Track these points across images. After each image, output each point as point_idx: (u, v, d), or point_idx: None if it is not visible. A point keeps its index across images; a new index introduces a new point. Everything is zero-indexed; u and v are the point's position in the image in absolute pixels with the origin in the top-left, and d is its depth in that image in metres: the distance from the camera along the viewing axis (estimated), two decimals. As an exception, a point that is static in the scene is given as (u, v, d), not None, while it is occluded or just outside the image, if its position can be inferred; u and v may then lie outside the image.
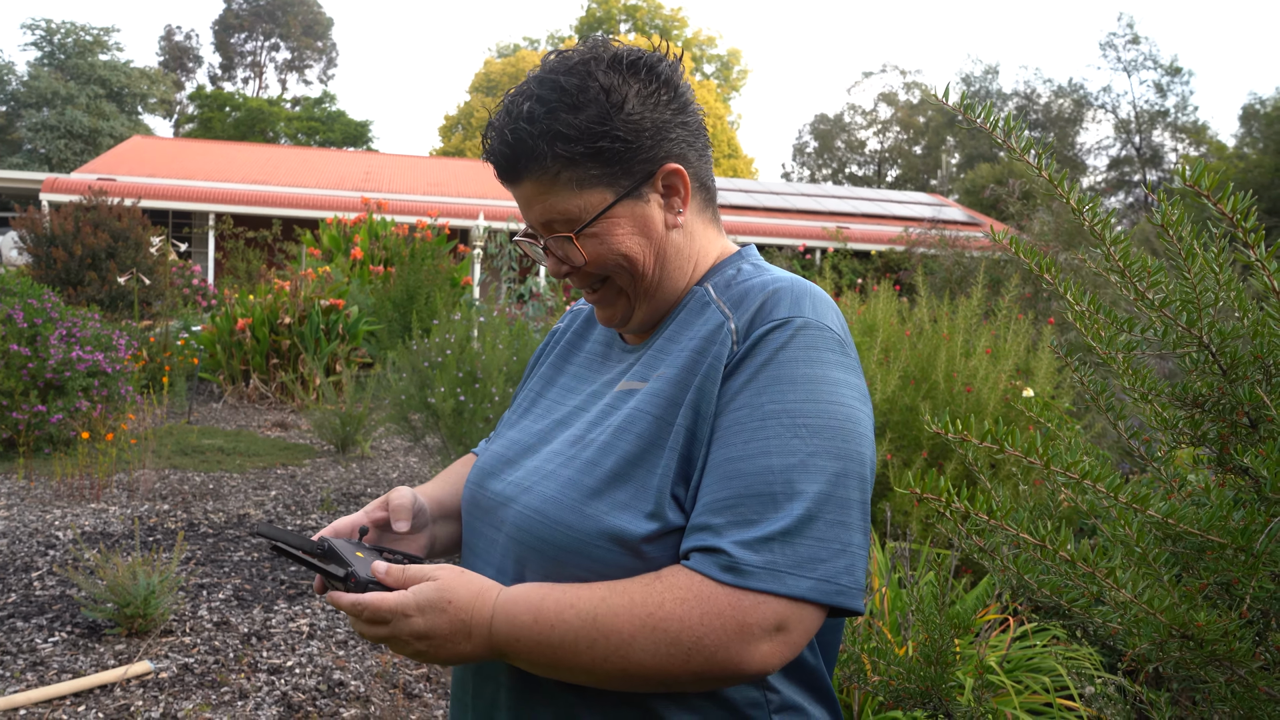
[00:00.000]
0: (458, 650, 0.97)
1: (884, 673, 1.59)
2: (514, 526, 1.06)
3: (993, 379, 4.43)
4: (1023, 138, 1.06)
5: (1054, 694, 2.92)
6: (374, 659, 3.62)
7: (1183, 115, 41.63)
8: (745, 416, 0.97)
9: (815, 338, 1.00)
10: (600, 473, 1.01)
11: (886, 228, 21.11)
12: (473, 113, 45.77)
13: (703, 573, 0.92)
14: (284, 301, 10.07)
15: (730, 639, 0.90)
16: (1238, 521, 0.91)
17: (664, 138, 1.06)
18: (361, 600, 0.96)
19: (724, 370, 1.00)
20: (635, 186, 1.06)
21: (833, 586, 0.92)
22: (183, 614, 3.95)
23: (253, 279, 15.82)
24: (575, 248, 1.07)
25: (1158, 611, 0.92)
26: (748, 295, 1.05)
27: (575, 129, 1.02)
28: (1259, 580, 0.92)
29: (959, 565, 3.91)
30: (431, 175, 25.42)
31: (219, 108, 47.54)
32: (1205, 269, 1.09)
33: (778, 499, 0.93)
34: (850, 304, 5.95)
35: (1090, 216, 1.10)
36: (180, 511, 5.63)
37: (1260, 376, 1.14)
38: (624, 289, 1.11)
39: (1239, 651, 0.92)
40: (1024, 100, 45.33)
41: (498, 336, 6.57)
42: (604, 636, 0.92)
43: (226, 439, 7.98)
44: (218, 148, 26.68)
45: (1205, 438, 1.22)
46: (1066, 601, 1.03)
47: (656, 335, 1.14)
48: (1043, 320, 7.08)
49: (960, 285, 11.30)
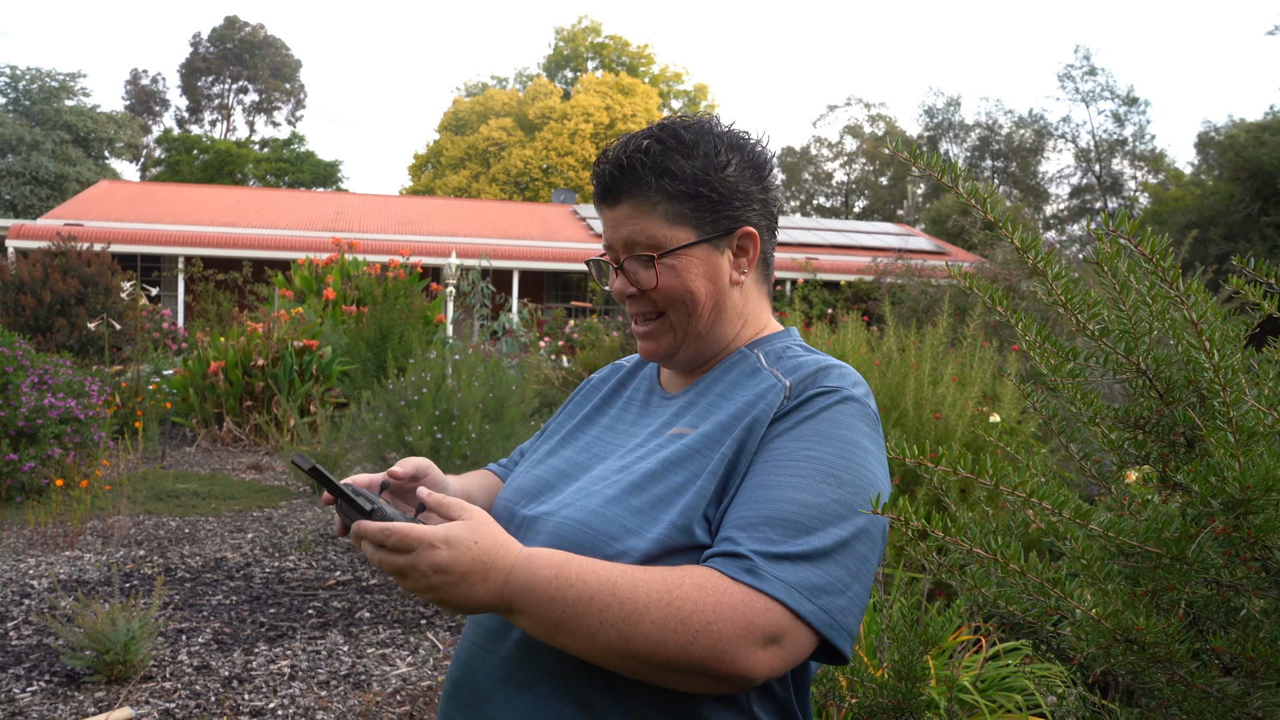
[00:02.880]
0: (470, 592, 0.99)
1: (859, 692, 1.66)
2: (553, 534, 1.12)
3: (960, 406, 4.54)
4: (968, 184, 1.15)
5: (1026, 712, 3.00)
6: (357, 698, 3.63)
7: (1140, 144, 42.55)
8: (782, 456, 1.08)
9: (858, 410, 1.13)
10: (646, 496, 1.10)
11: (854, 258, 21.39)
12: (442, 151, 45.92)
13: (723, 571, 1.00)
14: (257, 343, 10.05)
15: (736, 633, 0.96)
16: (1172, 533, 1.00)
17: (748, 206, 1.22)
18: (390, 527, 0.98)
19: (772, 417, 1.12)
20: (716, 236, 1.21)
21: (829, 619, 1.00)
22: (162, 659, 3.94)
23: (224, 321, 15.76)
24: (652, 271, 1.19)
25: (1103, 618, 1.00)
26: (801, 367, 1.18)
27: (683, 172, 1.18)
28: (1192, 587, 1.00)
29: (933, 589, 3.99)
30: (402, 214, 25.47)
31: (187, 150, 47.44)
32: (1140, 301, 1.18)
33: (800, 529, 1.02)
34: (820, 334, 6.06)
35: (1033, 254, 1.19)
36: (156, 556, 5.60)
37: (1195, 399, 1.23)
38: (675, 326, 1.22)
39: (1177, 653, 1.00)
40: (986, 131, 46.17)
41: (473, 374, 6.62)
42: (619, 603, 0.97)
43: (201, 483, 7.94)
44: (186, 190, 26.60)
45: (1148, 457, 1.31)
46: (1020, 612, 1.11)
47: (701, 386, 1.24)
48: (1007, 347, 7.23)
49: (927, 314, 11.49)
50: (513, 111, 45.58)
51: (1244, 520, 0.98)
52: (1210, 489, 0.99)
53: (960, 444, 4.49)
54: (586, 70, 51.41)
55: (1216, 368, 1.00)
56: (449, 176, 44.47)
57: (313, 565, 5.53)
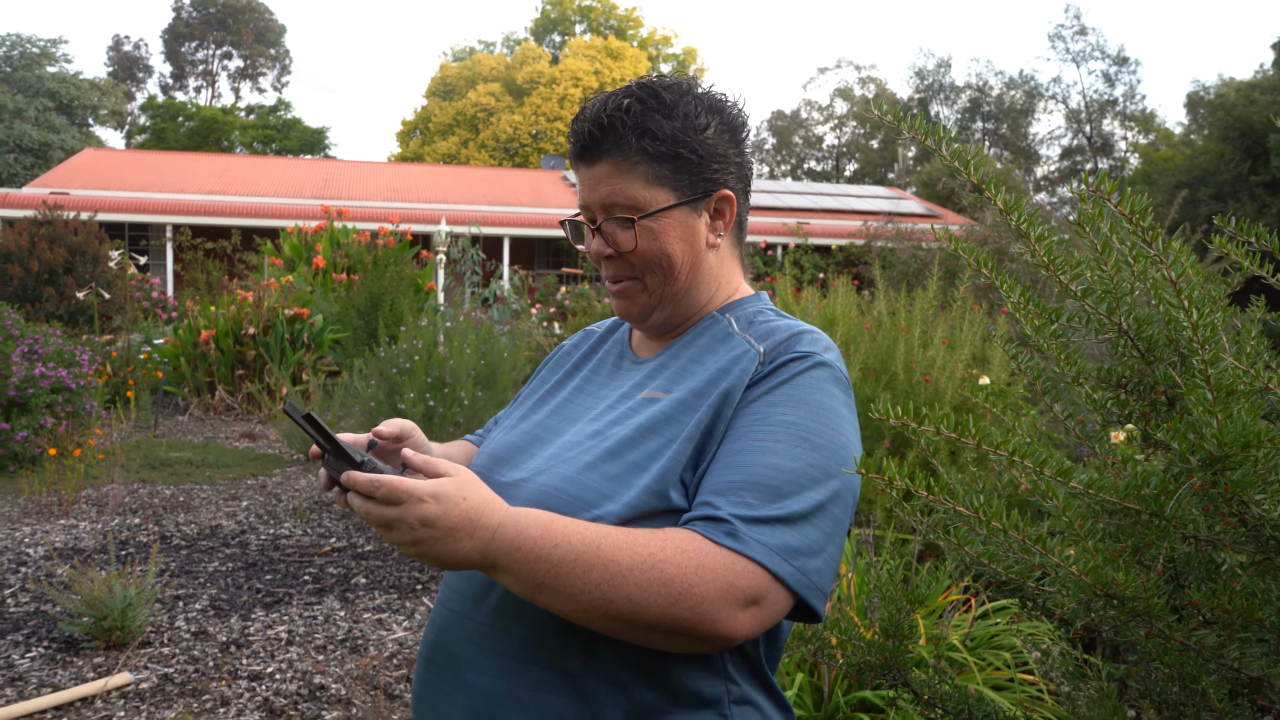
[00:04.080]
0: (455, 547, 1.00)
1: (848, 650, 1.68)
2: (527, 502, 1.13)
3: (949, 368, 4.56)
4: (953, 147, 1.16)
5: (1015, 669, 3.05)
6: (354, 662, 3.67)
7: (1131, 104, 42.42)
8: (759, 421, 1.10)
9: (830, 375, 1.15)
10: (622, 462, 1.12)
11: (846, 222, 21.35)
12: (430, 117, 45.52)
13: (703, 534, 1.02)
14: (247, 312, 10.03)
15: (717, 595, 0.98)
16: (1151, 490, 1.01)
17: (726, 170, 1.23)
18: (379, 478, 0.99)
19: (747, 383, 1.13)
20: (694, 199, 1.21)
21: (806, 580, 1.02)
22: (160, 625, 3.97)
23: (213, 290, 15.70)
24: (631, 233, 1.19)
25: (1083, 574, 1.02)
26: (774, 332, 1.19)
27: (664, 133, 1.18)
28: (1171, 542, 1.02)
29: (923, 550, 4.03)
30: (391, 181, 25.29)
31: (172, 118, 46.94)
32: (1121, 261, 1.19)
33: (778, 492, 1.04)
34: (811, 299, 6.07)
35: (1017, 216, 1.20)
36: (152, 525, 5.63)
37: (1175, 359, 1.25)
38: (650, 289, 1.23)
39: (1156, 607, 1.02)
40: (977, 93, 45.93)
41: (464, 341, 6.62)
42: (603, 563, 0.99)
43: (195, 451, 7.96)
44: (172, 158, 26.36)
45: (1130, 416, 1.33)
46: (1004, 569, 1.13)
47: (673, 349, 1.25)
48: (997, 310, 7.25)
49: (917, 277, 11.50)
50: (501, 76, 45.17)
51: (1222, 476, 0.99)
52: (1189, 446, 1.00)
53: (950, 406, 4.52)
54: (574, 34, 50.87)
55: (1195, 326, 1.01)
56: (438, 143, 44.13)
57: (308, 532, 5.56)
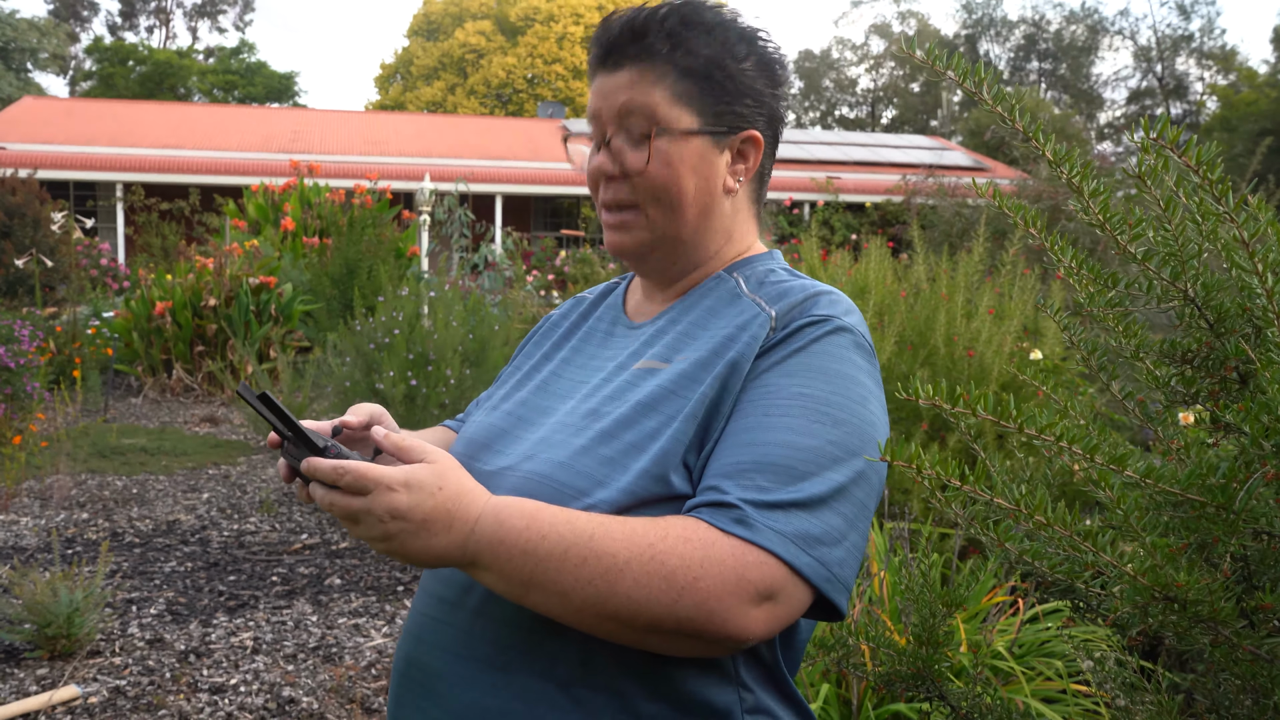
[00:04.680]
0: (430, 542, 0.98)
1: (881, 659, 1.68)
2: (511, 492, 1.11)
3: (996, 341, 4.55)
4: (995, 90, 1.14)
5: (1068, 680, 3.05)
6: (328, 673, 3.70)
7: (1209, 39, 42.00)
8: (772, 393, 1.08)
9: (850, 340, 1.13)
10: (617, 444, 1.10)
11: (882, 176, 21.24)
12: (412, 60, 45.35)
13: (710, 522, 1.00)
14: (207, 281, 10.04)
15: (726, 589, 0.97)
16: (1218, 479, 1.00)
17: (757, 110, 1.22)
18: (344, 465, 0.97)
19: (758, 351, 1.11)
20: (719, 132, 1.20)
21: (826, 572, 1.01)
22: (111, 632, 4.00)
23: (170, 256, 15.71)
24: (644, 152, 1.18)
25: (1139, 574, 1.01)
26: (787, 294, 1.17)
27: (699, 51, 1.18)
28: (1240, 538, 1.01)
29: (965, 547, 4.03)
30: (369, 132, 25.25)
31: (121, 62, 46.82)
32: (1188, 219, 1.17)
33: (793, 474, 1.02)
34: (841, 264, 6.04)
35: (1068, 168, 1.18)
36: (102, 520, 5.66)
37: (1249, 330, 1.23)
38: (651, 222, 1.21)
39: (1222, 611, 1.01)
40: (1032, 28, 45.54)
41: (451, 312, 6.62)
42: (596, 557, 0.97)
43: (150, 437, 8.00)
44: (122, 108, 26.34)
45: (1197, 395, 1.31)
46: (1050, 568, 1.12)
47: (672, 313, 1.24)
48: (1051, 276, 7.21)
49: (962, 238, 11.44)
50: (492, 13, 44.91)
51: (1298, 464, 0.98)
52: (1262, 429, 0.99)
53: (996, 384, 4.50)
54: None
55: (1270, 293, 1.00)
56: (421, 89, 43.97)
57: (276, 527, 5.59)
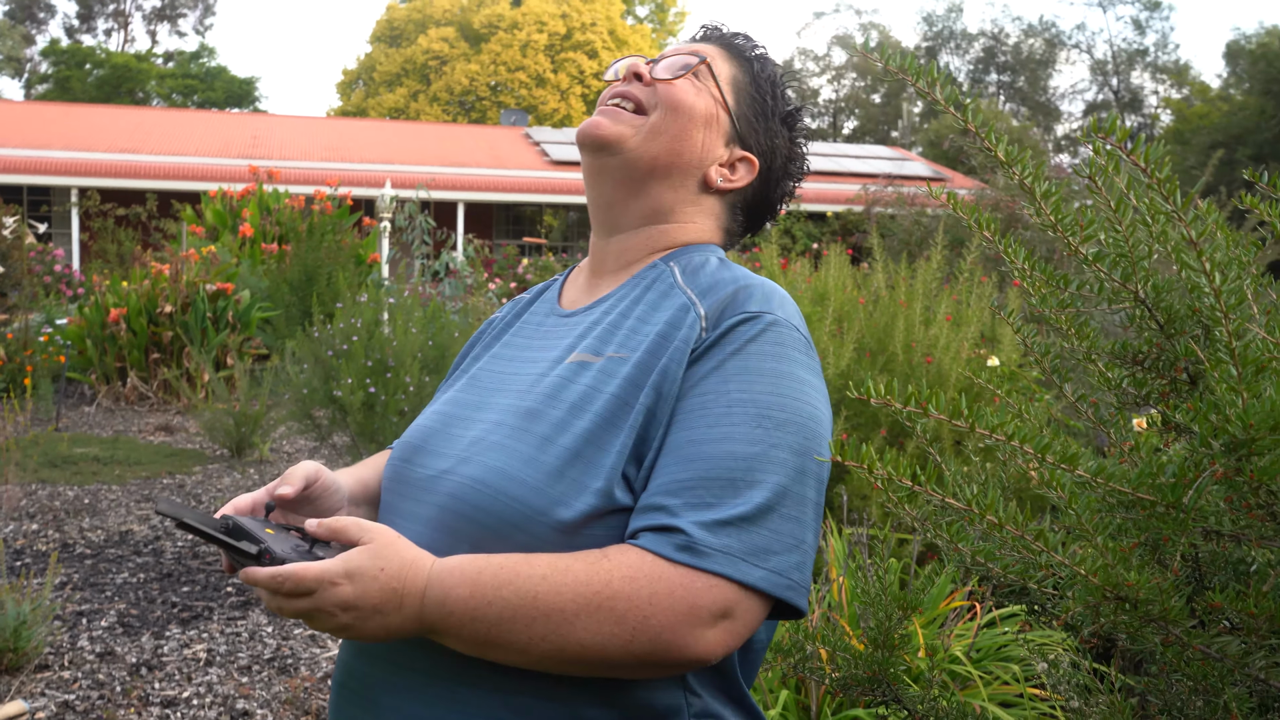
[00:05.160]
0: (386, 622, 0.99)
1: (839, 663, 1.68)
2: (449, 496, 1.10)
3: (954, 348, 4.58)
4: (948, 91, 1.14)
5: (1024, 683, 3.06)
6: (283, 684, 3.64)
7: (1163, 54, 42.74)
8: (711, 402, 1.06)
9: (785, 335, 1.11)
10: (558, 450, 1.07)
11: (843, 186, 21.36)
12: (375, 66, 45.10)
13: (655, 551, 0.99)
14: (163, 287, 9.92)
15: (678, 620, 0.96)
16: (1168, 478, 1.00)
17: (770, 151, 1.32)
18: (282, 572, 0.97)
19: (690, 355, 1.10)
20: (733, 131, 1.28)
21: (783, 580, 1.00)
22: (60, 646, 3.92)
23: (125, 263, 15.52)
24: (685, 78, 1.26)
25: (1090, 574, 1.01)
26: (717, 286, 1.16)
27: (767, 73, 1.33)
28: (1190, 538, 1.01)
29: (923, 552, 4.05)
30: (329, 139, 25.07)
31: (78, 65, 46.19)
32: (1138, 220, 1.18)
33: (738, 485, 1.01)
34: (801, 272, 6.06)
35: (1020, 169, 1.18)
36: (52, 531, 5.56)
37: (1198, 331, 1.24)
38: (643, 128, 1.23)
39: (1172, 610, 1.01)
40: (991, 41, 46.09)
41: (410, 319, 6.58)
42: (544, 615, 0.97)
43: (103, 446, 7.87)
44: (79, 111, 26.00)
45: (1148, 396, 1.32)
46: (1002, 569, 1.12)
47: (607, 303, 1.22)
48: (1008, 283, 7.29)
49: (920, 247, 11.54)
50: (455, 20, 44.78)
51: (1247, 462, 0.98)
52: (1211, 428, 0.99)
53: (955, 390, 4.53)
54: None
55: (1219, 292, 1.00)
56: (383, 95, 43.73)
57: (231, 537, 5.51)
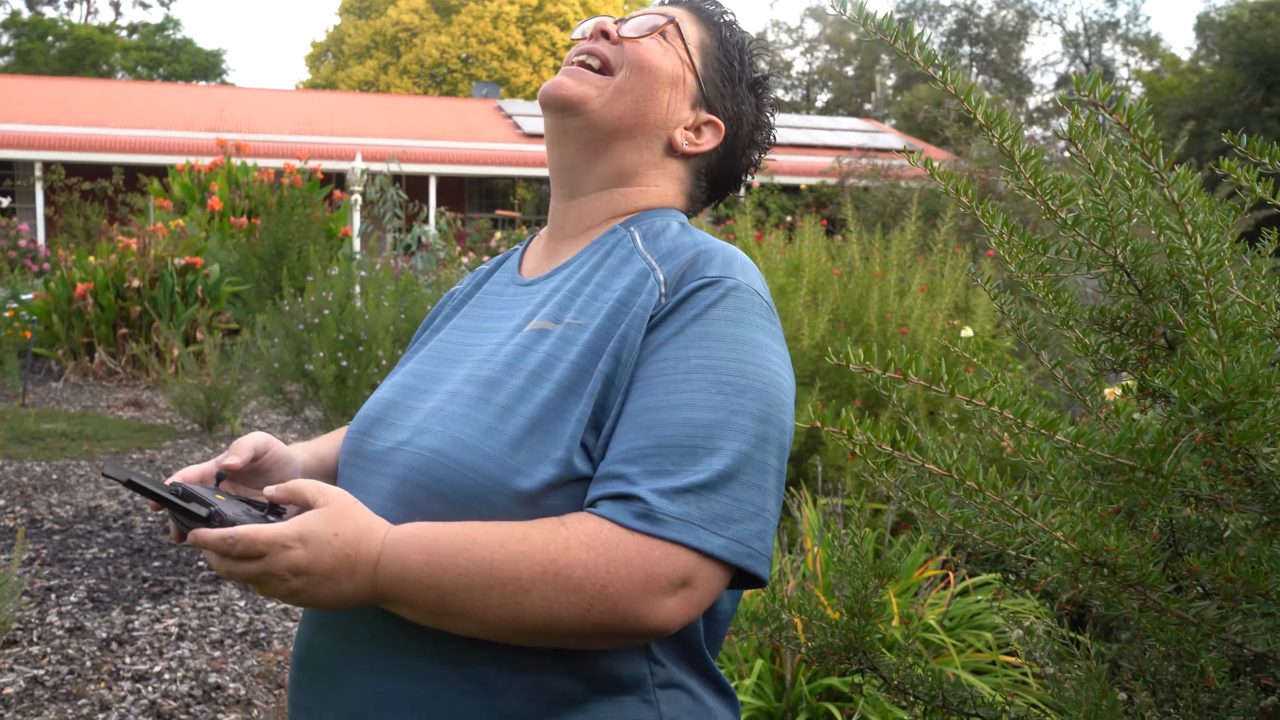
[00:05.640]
0: (338, 589, 0.97)
1: (814, 632, 1.67)
2: (406, 468, 1.08)
3: (929, 319, 4.58)
4: (925, 51, 1.12)
5: (997, 651, 3.09)
6: (256, 658, 3.62)
7: (1134, 26, 42.96)
8: (670, 368, 1.04)
9: (745, 300, 1.09)
10: (518, 420, 1.06)
11: (817, 158, 21.35)
12: (344, 38, 44.56)
13: (613, 519, 0.98)
14: (131, 262, 9.80)
15: (636, 589, 0.95)
16: (1147, 443, 0.99)
17: (736, 118, 1.30)
18: (233, 533, 0.95)
19: (649, 321, 1.08)
20: (699, 94, 1.27)
21: (744, 549, 0.99)
22: (28, 621, 3.88)
23: (92, 237, 15.32)
24: (653, 38, 1.24)
25: (1068, 539, 1.00)
26: (677, 250, 1.14)
27: (736, 39, 1.31)
28: (1169, 503, 1.00)
29: (898, 522, 4.06)
30: (299, 111, 24.79)
31: (40, 37, 45.39)
32: (1118, 184, 1.16)
33: (698, 452, 0.99)
34: (775, 243, 6.05)
35: (999, 131, 1.16)
36: (19, 507, 5.50)
37: (1177, 296, 1.23)
38: (608, 88, 1.22)
39: (1150, 575, 1.01)
40: (964, 13, 46.08)
41: (382, 292, 6.53)
42: (500, 584, 0.96)
43: (71, 422, 7.79)
44: (42, 85, 25.57)
45: (1126, 363, 1.31)
46: (980, 536, 1.11)
47: (566, 270, 1.20)
48: (982, 253, 7.30)
49: (894, 218, 11.56)
50: (425, -10, 44.27)
51: (1226, 427, 0.98)
52: (1190, 393, 0.98)
53: (930, 360, 4.54)
54: (510, -58, 49.94)
55: (1199, 254, 0.99)
56: (353, 68, 43.24)
57: (203, 512, 5.47)
